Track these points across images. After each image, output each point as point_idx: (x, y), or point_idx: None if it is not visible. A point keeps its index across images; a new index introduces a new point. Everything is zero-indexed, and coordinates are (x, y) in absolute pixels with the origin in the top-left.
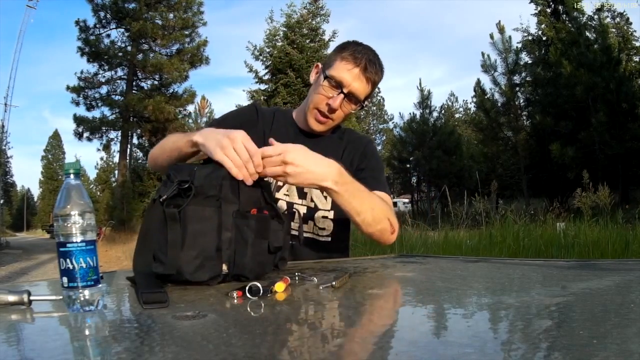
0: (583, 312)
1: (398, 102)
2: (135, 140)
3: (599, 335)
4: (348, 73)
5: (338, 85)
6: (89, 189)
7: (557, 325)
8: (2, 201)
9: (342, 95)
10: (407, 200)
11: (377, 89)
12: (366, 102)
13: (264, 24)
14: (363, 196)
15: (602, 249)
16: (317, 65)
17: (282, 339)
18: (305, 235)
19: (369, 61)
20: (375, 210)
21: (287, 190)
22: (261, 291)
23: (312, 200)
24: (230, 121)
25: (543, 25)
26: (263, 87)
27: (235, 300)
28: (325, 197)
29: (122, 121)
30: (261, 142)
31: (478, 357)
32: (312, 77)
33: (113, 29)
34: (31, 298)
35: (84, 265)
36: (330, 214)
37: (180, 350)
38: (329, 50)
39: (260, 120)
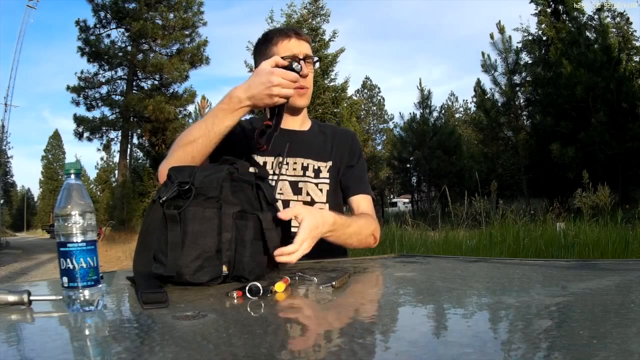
0: (583, 312)
1: (398, 102)
2: (135, 140)
3: (599, 335)
4: (291, 44)
5: (293, 58)
6: (89, 189)
7: (557, 325)
8: (2, 201)
9: (302, 61)
10: (407, 200)
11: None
12: (317, 62)
13: (264, 24)
14: (351, 230)
15: (602, 249)
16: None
17: (282, 339)
18: None
19: (294, 29)
20: (361, 235)
21: (281, 189)
22: (261, 291)
23: (308, 194)
24: None
25: (543, 25)
26: None
27: (235, 300)
28: (321, 190)
29: (122, 121)
30: (246, 153)
31: (478, 357)
32: None
33: (113, 29)
34: (31, 298)
35: (84, 265)
36: (326, 207)
37: (180, 350)
38: (329, 50)
39: (241, 132)
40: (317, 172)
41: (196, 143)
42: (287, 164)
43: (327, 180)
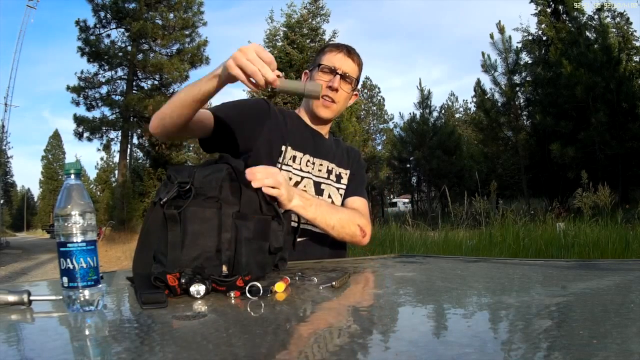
0: (583, 312)
1: (398, 102)
2: (135, 140)
3: (599, 335)
4: (336, 58)
5: (331, 70)
6: (89, 189)
7: (557, 325)
8: (2, 201)
9: (338, 76)
10: (407, 200)
11: (373, 87)
12: (358, 87)
13: (264, 24)
14: (328, 208)
15: (602, 249)
16: (306, 72)
17: (282, 339)
18: (315, 229)
19: (348, 47)
20: (343, 220)
21: (305, 187)
22: (261, 291)
23: (329, 197)
24: (242, 108)
25: (543, 25)
26: None
27: (234, 300)
28: (341, 195)
29: (122, 121)
30: (279, 135)
31: (478, 357)
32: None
33: (113, 29)
34: (31, 298)
35: (84, 265)
36: None
37: (180, 350)
38: None
39: (274, 117)
40: (338, 177)
41: (179, 101)
42: (314, 163)
43: (345, 187)
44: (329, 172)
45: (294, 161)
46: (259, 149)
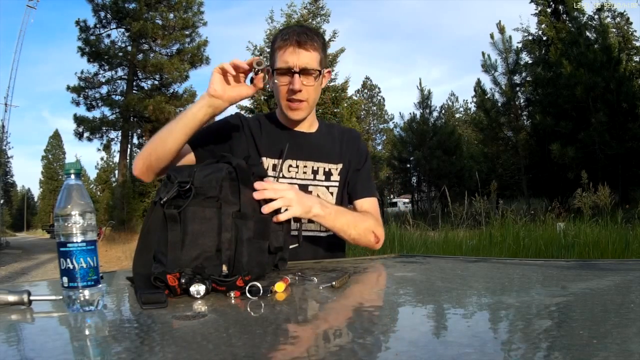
0: (583, 312)
1: (398, 102)
2: (135, 140)
3: (599, 335)
4: (286, 55)
5: (287, 70)
6: (89, 189)
7: (557, 325)
8: (2, 201)
9: (296, 75)
10: (407, 200)
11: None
12: (327, 69)
13: (264, 24)
14: (346, 217)
15: (602, 249)
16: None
17: (282, 339)
18: (308, 233)
19: (298, 34)
20: (359, 227)
21: None
22: (261, 291)
23: (318, 197)
24: (216, 130)
25: (543, 25)
26: None
27: (234, 300)
28: (332, 193)
29: (122, 121)
30: (253, 149)
31: (478, 357)
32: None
33: (113, 29)
34: (31, 298)
35: (84, 265)
36: None
37: (180, 350)
38: (330, 51)
39: (247, 129)
40: (327, 175)
41: (164, 134)
42: (297, 167)
43: (337, 183)
44: (315, 172)
45: (274, 169)
46: None
